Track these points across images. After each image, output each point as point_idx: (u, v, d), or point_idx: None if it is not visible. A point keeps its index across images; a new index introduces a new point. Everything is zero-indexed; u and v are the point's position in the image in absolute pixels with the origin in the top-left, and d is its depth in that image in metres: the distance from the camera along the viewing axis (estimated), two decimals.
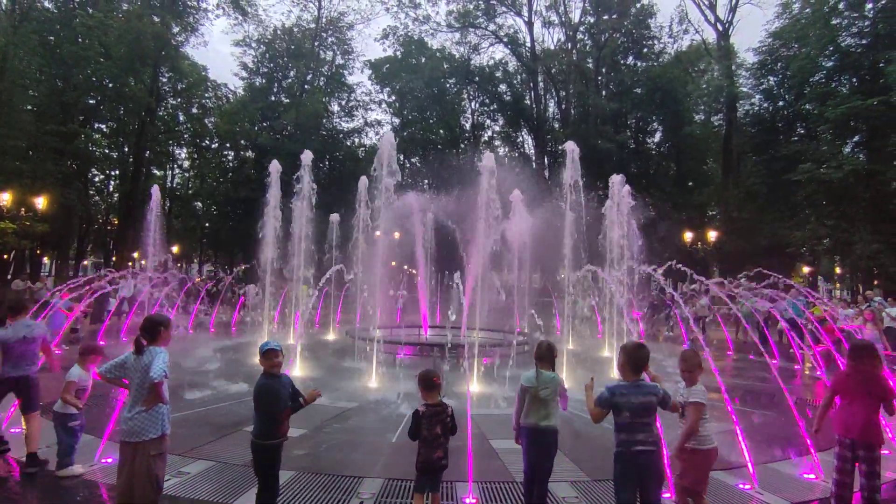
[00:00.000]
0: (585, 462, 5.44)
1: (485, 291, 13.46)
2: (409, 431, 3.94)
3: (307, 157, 13.98)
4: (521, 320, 15.04)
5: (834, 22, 24.72)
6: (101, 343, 11.67)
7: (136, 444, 3.55)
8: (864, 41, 24.31)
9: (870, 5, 23.94)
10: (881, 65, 22.52)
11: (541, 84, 38.56)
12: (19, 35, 24.25)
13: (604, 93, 36.30)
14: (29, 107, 26.32)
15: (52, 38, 28.20)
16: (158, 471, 3.65)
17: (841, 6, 24.52)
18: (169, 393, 3.76)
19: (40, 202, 22.39)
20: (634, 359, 3.53)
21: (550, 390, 4.01)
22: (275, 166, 13.49)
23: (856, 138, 25.79)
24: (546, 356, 4.10)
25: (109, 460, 5.00)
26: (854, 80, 25.33)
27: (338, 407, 7.57)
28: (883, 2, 23.01)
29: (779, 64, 28.10)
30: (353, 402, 7.88)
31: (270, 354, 3.92)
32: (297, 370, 9.51)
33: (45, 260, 38.34)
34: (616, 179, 13.54)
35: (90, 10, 28.25)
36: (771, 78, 29.31)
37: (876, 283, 24.04)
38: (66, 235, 32.98)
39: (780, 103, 29.64)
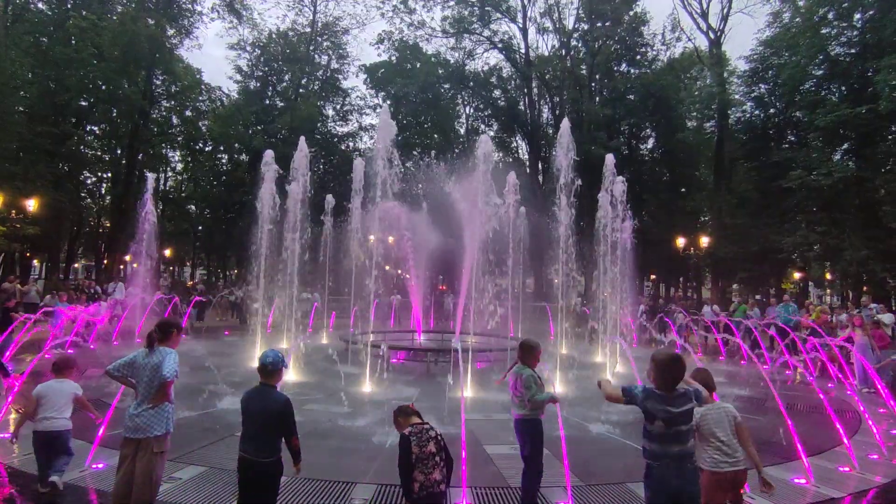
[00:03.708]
0: (579, 466, 5.43)
1: (478, 297, 13.43)
2: (400, 462, 3.36)
3: (303, 145, 13.47)
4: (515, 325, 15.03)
5: (823, 31, 25.05)
6: (93, 348, 11.62)
7: (141, 441, 3.59)
8: (852, 50, 24.67)
9: (858, 15, 24.30)
10: (869, 73, 22.80)
11: (535, 90, 38.70)
12: (11, 36, 24.05)
13: (597, 99, 36.49)
14: (20, 108, 26.03)
15: (44, 39, 27.92)
16: (159, 470, 3.69)
17: (830, 16, 24.85)
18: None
19: (31, 204, 22.13)
20: (666, 372, 3.11)
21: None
22: (269, 155, 13.04)
23: (845, 146, 26.10)
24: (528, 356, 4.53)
25: (100, 465, 4.96)
26: (843, 88, 25.66)
27: (331, 412, 7.55)
28: (871, 12, 23.36)
29: (770, 72, 28.40)
30: (346, 406, 7.85)
31: (280, 366, 3.68)
32: (290, 375, 9.47)
33: (36, 263, 37.89)
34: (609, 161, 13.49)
35: (84, 12, 28.06)
36: (762, 86, 29.61)
37: (865, 288, 24.29)
38: (57, 238, 32.63)
39: (771, 111, 29.94)
